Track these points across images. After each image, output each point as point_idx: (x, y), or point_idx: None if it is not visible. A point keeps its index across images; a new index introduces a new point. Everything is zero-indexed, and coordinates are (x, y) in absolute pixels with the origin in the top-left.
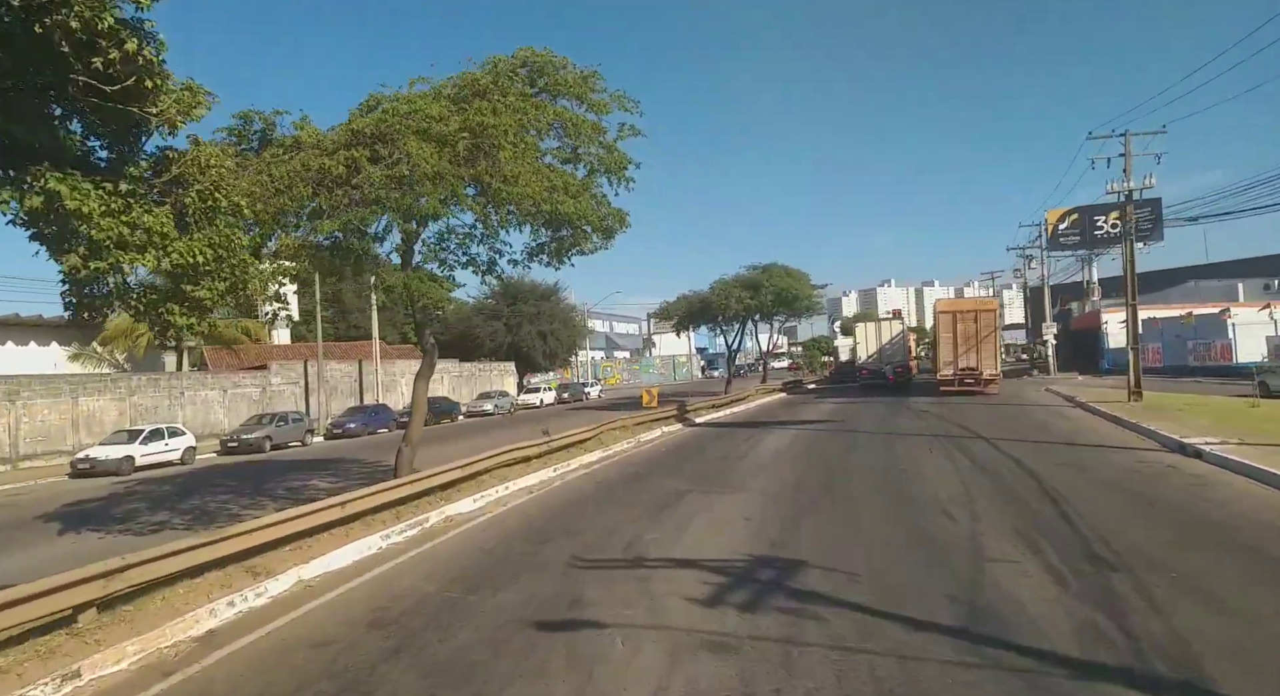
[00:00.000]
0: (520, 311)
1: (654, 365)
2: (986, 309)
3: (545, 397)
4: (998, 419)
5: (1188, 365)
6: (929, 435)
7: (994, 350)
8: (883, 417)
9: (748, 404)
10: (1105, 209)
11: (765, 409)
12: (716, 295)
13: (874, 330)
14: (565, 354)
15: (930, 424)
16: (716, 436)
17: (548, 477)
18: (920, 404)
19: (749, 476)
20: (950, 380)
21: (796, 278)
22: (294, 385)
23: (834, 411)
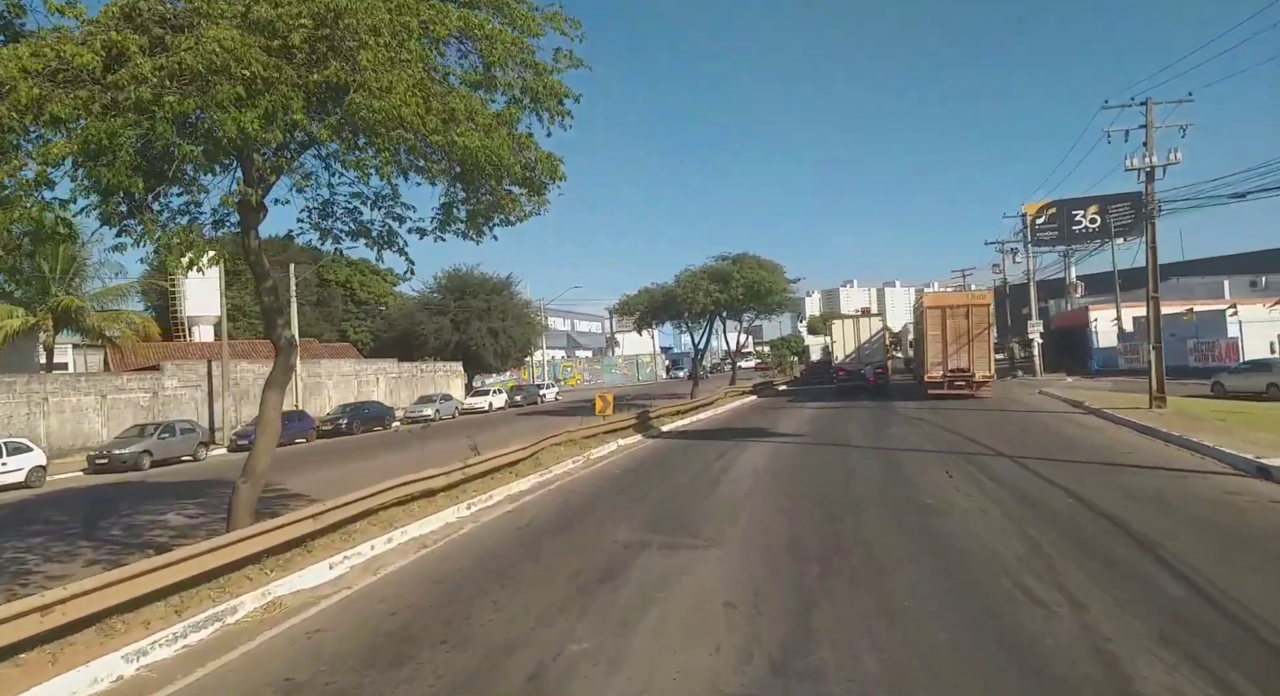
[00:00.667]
0: (468, 306)
1: (617, 365)
2: (979, 303)
3: (495, 401)
4: (1006, 429)
5: (1188, 365)
6: (936, 450)
7: (987, 349)
8: (872, 427)
9: (716, 409)
10: (1084, 203)
11: (737, 414)
12: (682, 288)
13: (851, 328)
14: (519, 353)
15: (929, 434)
16: (682, 451)
17: (456, 519)
18: (908, 409)
19: (725, 518)
20: (939, 382)
21: (769, 269)
22: (194, 388)
23: (815, 419)
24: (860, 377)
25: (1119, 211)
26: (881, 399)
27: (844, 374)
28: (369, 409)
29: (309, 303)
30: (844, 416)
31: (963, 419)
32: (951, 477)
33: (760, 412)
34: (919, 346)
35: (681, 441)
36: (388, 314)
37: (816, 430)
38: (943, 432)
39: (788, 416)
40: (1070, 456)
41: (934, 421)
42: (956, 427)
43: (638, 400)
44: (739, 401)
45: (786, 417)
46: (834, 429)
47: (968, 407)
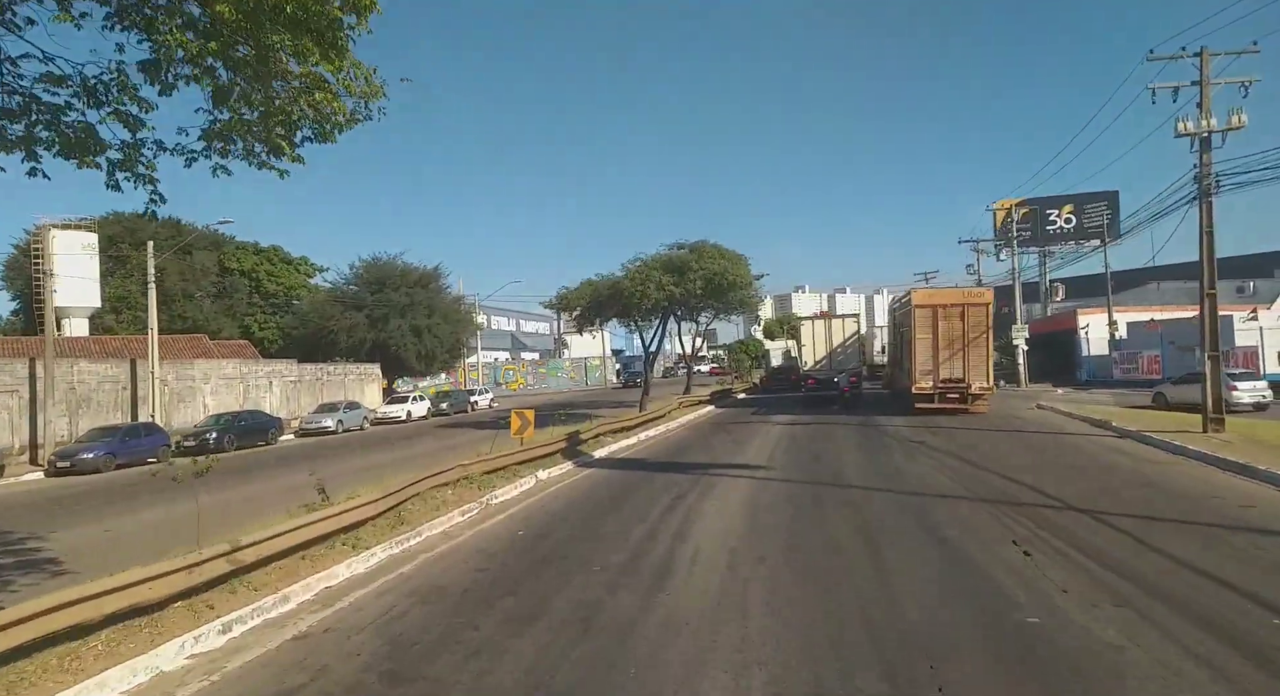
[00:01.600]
0: (387, 300)
1: (563, 369)
2: (977, 302)
3: (416, 409)
4: (1038, 460)
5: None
6: (971, 497)
7: (985, 356)
8: (866, 453)
9: (669, 423)
10: (1058, 202)
11: (693, 432)
12: (631, 280)
13: (822, 330)
14: (447, 355)
15: (946, 467)
16: (620, 495)
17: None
18: (898, 428)
19: (694, 671)
20: (928, 394)
21: (733, 260)
22: (10, 394)
23: (790, 439)
24: (833, 387)
25: (1094, 211)
26: (860, 412)
27: (814, 382)
28: (248, 420)
29: (208, 294)
30: (823, 436)
31: (973, 442)
32: (1030, 557)
33: (721, 429)
34: (902, 351)
35: (622, 475)
36: (300, 309)
37: (798, 459)
38: (962, 465)
39: (755, 436)
40: (1172, 512)
41: (940, 446)
42: (973, 456)
43: (581, 410)
44: (694, 413)
45: (754, 437)
46: (819, 456)
47: (970, 426)
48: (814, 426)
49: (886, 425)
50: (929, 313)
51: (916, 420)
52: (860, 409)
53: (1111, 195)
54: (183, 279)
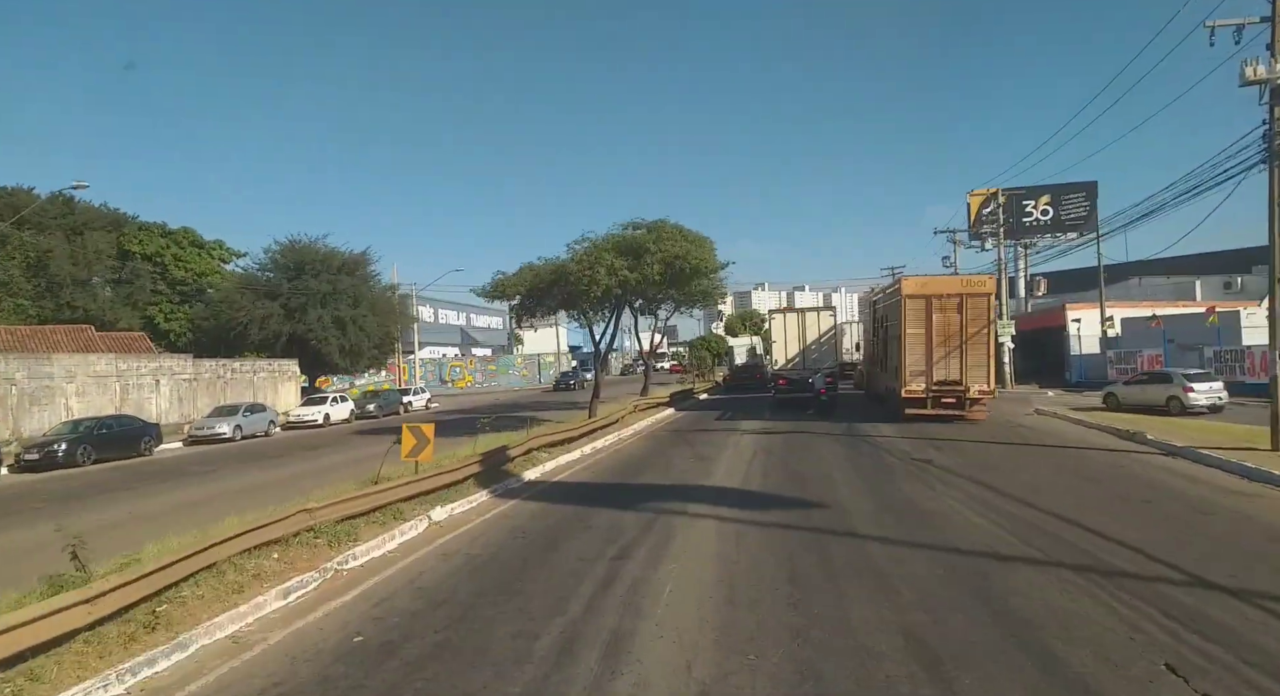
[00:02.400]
0: (306, 288)
1: (514, 366)
2: (977, 292)
3: (336, 412)
4: (1092, 490)
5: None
6: (1040, 557)
7: (986, 355)
8: (865, 479)
9: (622, 430)
10: (1035, 193)
11: (649, 444)
12: (578, 263)
13: (795, 325)
14: (376, 350)
15: (970, 499)
16: (541, 554)
17: None
18: (889, 439)
19: None
20: (919, 399)
21: (697, 242)
22: None
23: (764, 454)
24: (807, 389)
25: (1072, 202)
26: (839, 418)
27: (785, 383)
28: (114, 427)
29: (106, 280)
30: (804, 449)
31: (989, 461)
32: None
33: (682, 439)
34: (886, 349)
35: (551, 513)
36: (211, 298)
37: (780, 485)
38: (994, 497)
39: (723, 449)
40: None
41: (953, 467)
42: (1001, 482)
43: (524, 413)
44: (652, 418)
45: (721, 451)
46: (806, 481)
47: (973, 437)
48: (790, 436)
49: (875, 436)
50: (922, 304)
51: (908, 429)
52: (839, 414)
53: (1090, 186)
54: (73, 263)
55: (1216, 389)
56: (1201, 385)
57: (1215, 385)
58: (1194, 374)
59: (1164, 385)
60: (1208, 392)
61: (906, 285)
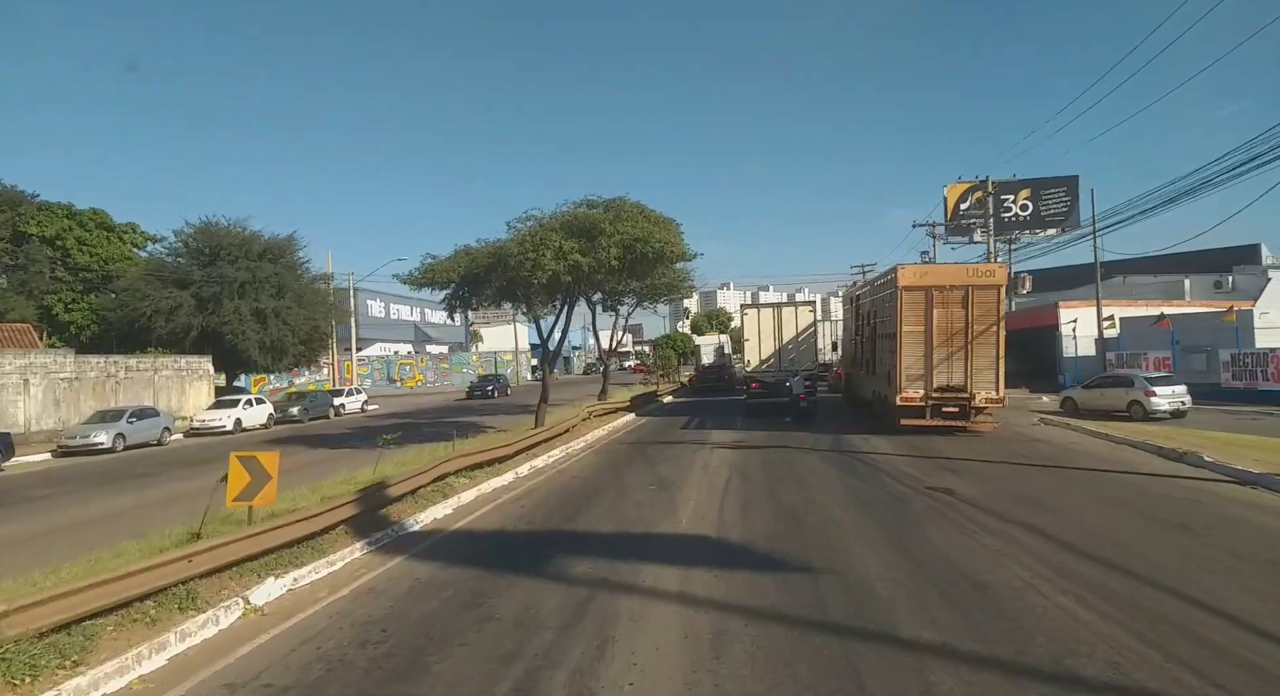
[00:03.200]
0: (221, 276)
1: (469, 363)
2: (985, 283)
3: (250, 416)
4: (1185, 541)
5: (1220, 384)
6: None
7: (995, 357)
8: (876, 521)
9: (570, 442)
10: (1014, 187)
11: (601, 462)
12: (520, 245)
13: (770, 322)
14: (303, 347)
15: (1037, 561)
16: (396, 679)
17: None
18: (888, 457)
19: None
20: (917, 407)
21: (661, 225)
22: None
23: (742, 482)
24: (784, 393)
25: (1052, 197)
26: (822, 428)
27: (759, 387)
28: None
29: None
30: (789, 472)
31: (1028, 492)
32: None
33: (642, 455)
34: (874, 349)
35: (443, 579)
36: (119, 288)
37: (767, 531)
38: (1063, 556)
39: (689, 469)
40: None
41: (984, 502)
42: (1058, 529)
43: (468, 418)
44: (609, 426)
45: (688, 474)
46: (801, 524)
47: (990, 456)
48: (769, 452)
49: (870, 452)
50: (921, 297)
51: (906, 444)
52: (821, 423)
53: (1071, 181)
54: None
55: (1180, 393)
56: (1164, 389)
57: (1178, 389)
58: (1156, 377)
59: (1125, 389)
60: (1170, 397)
61: (903, 275)
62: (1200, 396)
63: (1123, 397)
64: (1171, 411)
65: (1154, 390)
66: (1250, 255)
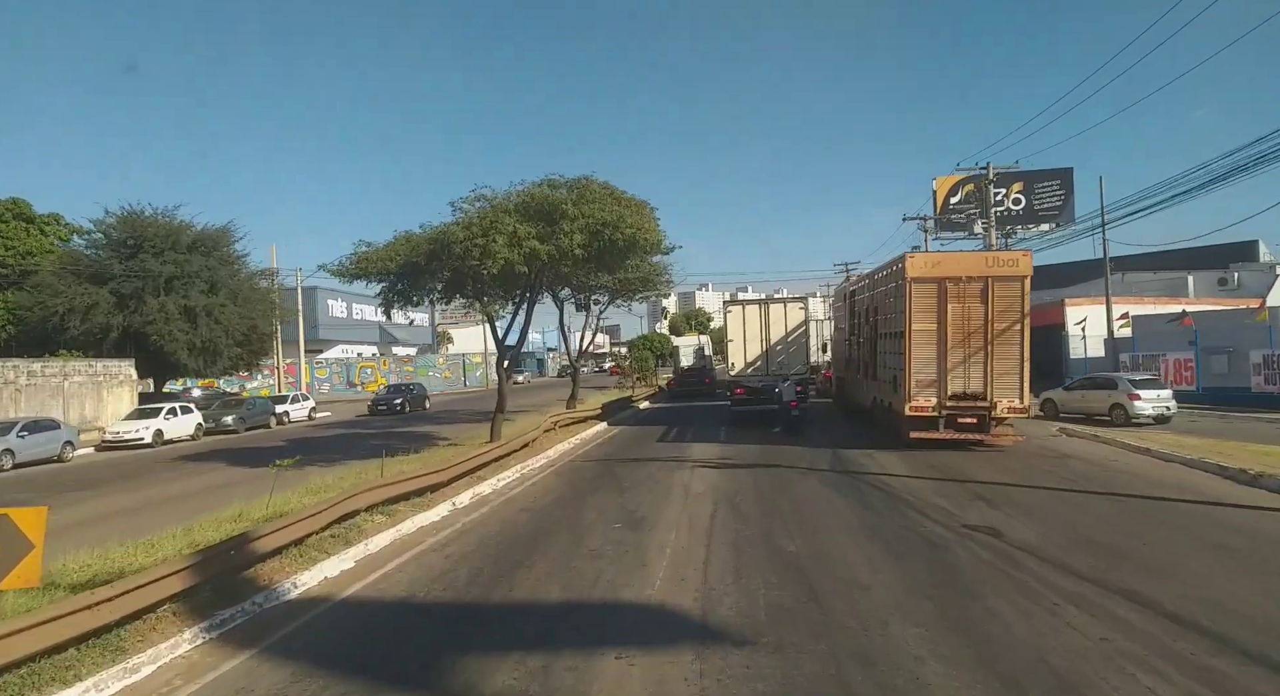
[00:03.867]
0: (144, 270)
1: (435, 366)
2: (1008, 273)
3: (174, 427)
4: None
5: (1250, 388)
6: None
7: (1020, 359)
8: (918, 580)
9: (528, 460)
10: (1007, 180)
11: (559, 489)
12: (467, 230)
13: (757, 320)
14: (239, 348)
15: (1173, 660)
16: None
17: None
18: (903, 480)
19: None
20: (930, 418)
21: (633, 208)
22: None
23: (731, 514)
24: (773, 400)
25: (1046, 191)
26: (817, 441)
27: (744, 393)
28: None
29: None
30: (788, 503)
31: (1097, 536)
32: None
33: (609, 477)
34: (873, 350)
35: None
36: (30, 284)
37: (773, 607)
38: (1208, 659)
39: (664, 500)
40: None
41: (1046, 551)
42: (1172, 601)
43: (422, 428)
44: (576, 438)
45: (662, 506)
46: (815, 593)
47: (1025, 479)
48: (761, 473)
49: (880, 473)
50: (933, 290)
51: (920, 462)
52: (816, 434)
53: (1065, 173)
54: None
55: (1165, 397)
56: (1149, 392)
57: (1163, 392)
58: (1140, 380)
59: (1107, 391)
60: (1155, 401)
61: (912, 264)
62: (1226, 401)
63: (1105, 401)
64: (1155, 416)
65: (1138, 393)
66: (1248, 252)
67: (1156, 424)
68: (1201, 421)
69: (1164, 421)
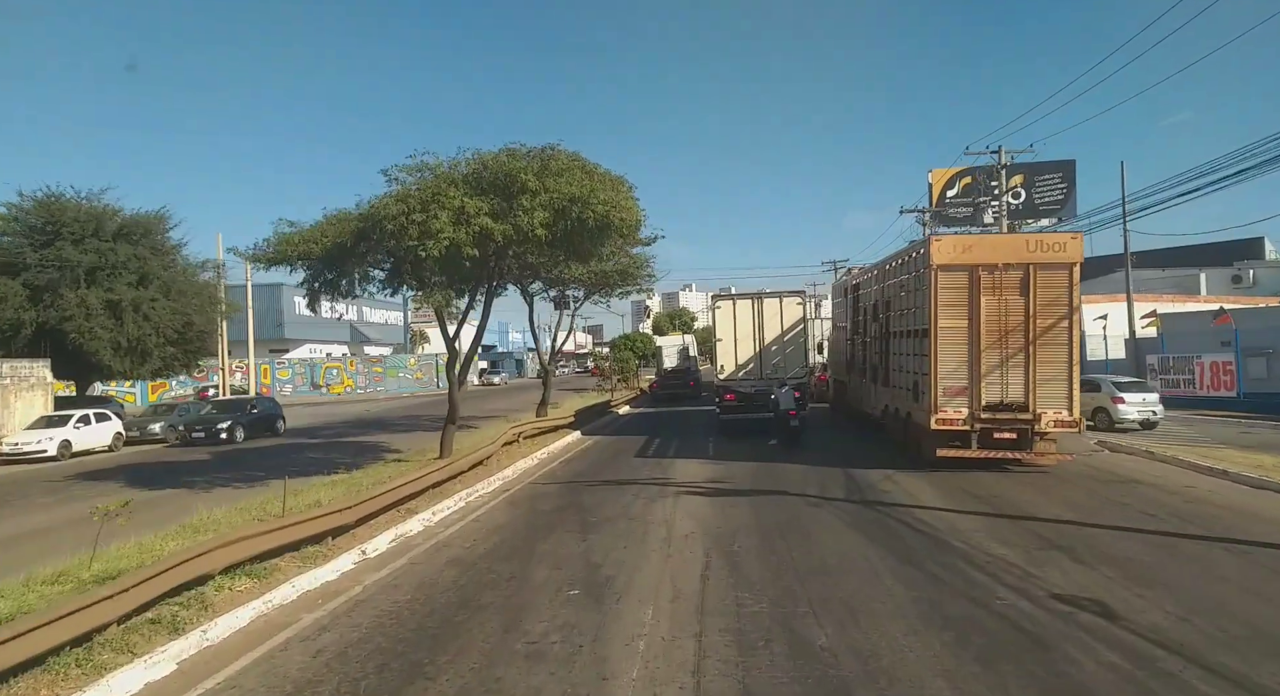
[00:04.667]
0: (62, 259)
1: (406, 367)
2: (1054, 259)
3: (86, 437)
4: None
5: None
6: None
7: (1068, 361)
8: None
9: (480, 483)
10: (1007, 172)
11: (509, 528)
12: (402, 202)
13: (749, 316)
14: (173, 347)
15: None
16: None
17: None
18: (938, 512)
19: None
20: (960, 432)
21: (608, 183)
22: None
23: (731, 585)
24: (768, 407)
25: (1047, 184)
26: (821, 456)
27: (735, 399)
28: None
29: None
30: (808, 564)
31: (1261, 627)
32: None
33: (568, 516)
34: (885, 352)
35: None
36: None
37: None
38: None
39: (641, 548)
40: None
41: (1208, 658)
42: None
43: (372, 437)
44: (541, 453)
45: (634, 565)
46: None
47: (1100, 516)
48: (762, 504)
49: (911, 506)
50: (963, 280)
51: (950, 485)
52: (817, 448)
53: (1067, 165)
54: None
55: (1151, 401)
56: (1134, 396)
57: (1149, 396)
58: (1125, 383)
59: (1091, 395)
60: (1140, 405)
61: (939, 249)
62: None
63: (1088, 404)
64: (1141, 421)
65: (1123, 397)
66: (1254, 249)
67: (1142, 429)
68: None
69: (1150, 427)
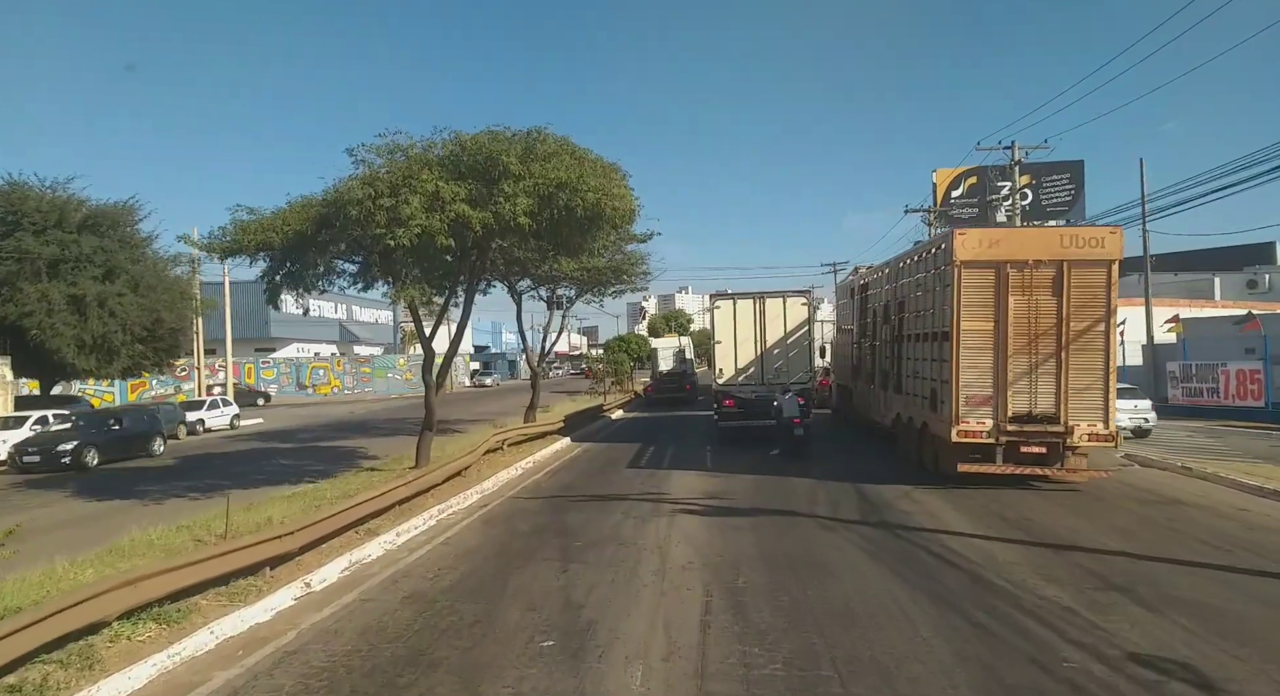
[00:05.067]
0: (21, 250)
1: (395, 367)
2: (1090, 256)
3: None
4: None
5: None
6: None
7: (1104, 368)
8: None
9: (456, 498)
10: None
11: (477, 560)
12: (368, 185)
13: (750, 317)
14: (142, 345)
15: None
16: None
17: None
18: (971, 540)
19: None
20: (984, 445)
21: (598, 170)
22: None
23: (738, 634)
24: (770, 414)
25: (1055, 184)
26: (829, 471)
27: (734, 405)
28: None
29: None
30: (825, 607)
31: None
32: None
33: (549, 541)
34: (898, 356)
35: None
36: None
37: None
38: None
39: (627, 592)
40: None
41: None
42: None
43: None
44: (526, 462)
45: (622, 608)
46: None
47: (1155, 546)
48: (768, 526)
49: (936, 530)
50: (989, 279)
51: (976, 505)
52: (824, 459)
53: (1075, 166)
54: None
55: (1143, 408)
56: (1125, 403)
57: (1141, 403)
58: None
59: None
60: (1131, 412)
61: (963, 243)
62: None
63: None
64: (1133, 429)
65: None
66: (1265, 253)
67: (1135, 437)
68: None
69: (1142, 435)
